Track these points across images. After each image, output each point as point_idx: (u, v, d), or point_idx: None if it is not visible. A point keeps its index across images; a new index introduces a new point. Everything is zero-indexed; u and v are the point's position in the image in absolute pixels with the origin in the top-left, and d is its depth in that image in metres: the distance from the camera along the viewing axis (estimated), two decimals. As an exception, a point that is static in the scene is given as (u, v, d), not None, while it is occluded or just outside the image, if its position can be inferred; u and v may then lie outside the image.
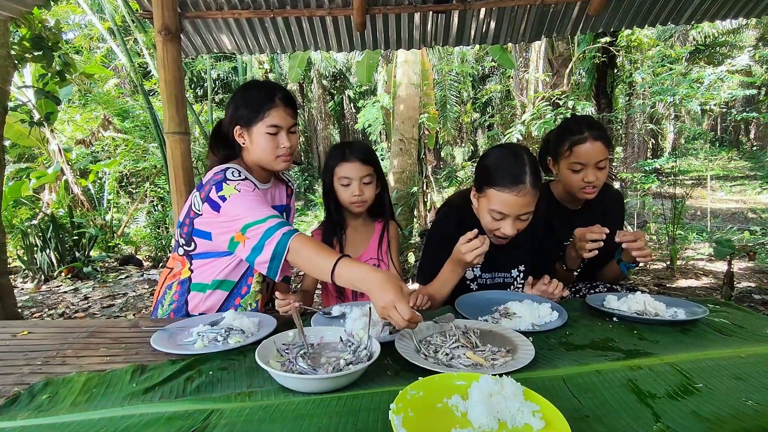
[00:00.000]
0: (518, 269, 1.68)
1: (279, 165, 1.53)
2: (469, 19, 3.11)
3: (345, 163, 1.67)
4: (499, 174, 1.41)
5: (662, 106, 8.08)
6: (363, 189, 1.67)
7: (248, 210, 1.34)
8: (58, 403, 0.89)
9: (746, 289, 4.43)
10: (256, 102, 1.47)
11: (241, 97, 1.52)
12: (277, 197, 1.69)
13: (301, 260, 1.26)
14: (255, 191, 1.42)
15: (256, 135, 1.48)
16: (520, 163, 1.40)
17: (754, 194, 12.50)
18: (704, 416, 0.81)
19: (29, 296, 4.92)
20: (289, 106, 1.51)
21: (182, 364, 1.03)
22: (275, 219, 1.31)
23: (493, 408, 0.76)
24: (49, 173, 6.26)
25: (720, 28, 12.82)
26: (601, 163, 1.68)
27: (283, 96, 1.49)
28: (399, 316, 1.02)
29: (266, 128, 1.46)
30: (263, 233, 1.28)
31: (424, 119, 7.52)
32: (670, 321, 1.26)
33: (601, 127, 1.73)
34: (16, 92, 5.29)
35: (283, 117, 1.48)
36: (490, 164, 1.46)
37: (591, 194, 1.72)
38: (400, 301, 1.03)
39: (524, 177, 1.38)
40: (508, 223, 1.42)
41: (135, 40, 7.35)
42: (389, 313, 1.04)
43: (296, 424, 0.80)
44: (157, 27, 2.48)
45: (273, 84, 1.56)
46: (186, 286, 1.55)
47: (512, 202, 1.38)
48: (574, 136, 1.69)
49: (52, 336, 1.28)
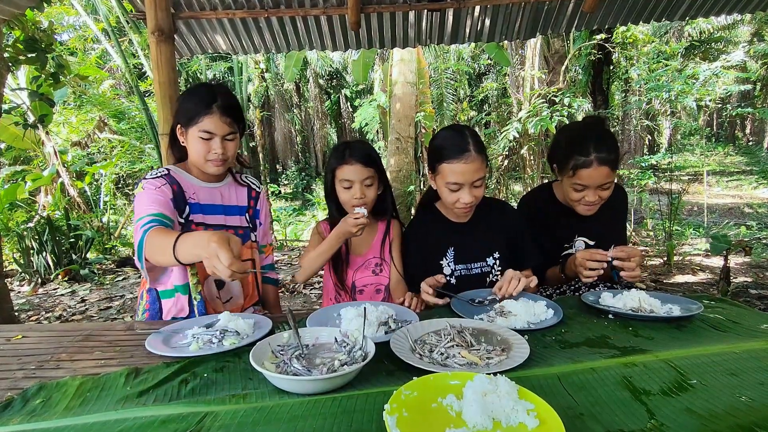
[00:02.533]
0: (493, 257, 1.70)
1: (210, 168, 1.56)
2: (463, 17, 3.11)
3: (346, 165, 1.64)
4: (447, 149, 1.54)
5: (658, 102, 8.10)
6: (364, 191, 1.65)
7: (141, 206, 1.44)
8: (51, 407, 0.88)
9: (743, 284, 4.45)
10: (193, 106, 1.51)
11: (184, 99, 1.57)
12: (233, 197, 1.70)
13: (154, 250, 1.29)
14: (158, 189, 1.48)
15: (190, 137, 1.53)
16: (463, 135, 1.54)
17: (750, 189, 12.55)
18: (698, 412, 0.81)
19: (26, 299, 4.90)
20: (228, 114, 1.51)
21: (177, 367, 1.03)
22: (151, 216, 1.38)
23: (488, 407, 0.76)
24: (45, 175, 6.24)
25: (715, 23, 12.84)
26: (606, 185, 1.63)
27: (222, 104, 1.50)
28: (222, 264, 1.05)
29: (199, 132, 1.50)
30: (139, 228, 1.36)
31: (421, 117, 7.53)
32: (665, 318, 1.26)
33: (611, 146, 1.61)
34: (11, 94, 5.25)
35: (218, 125, 1.50)
36: (437, 144, 1.59)
37: (590, 212, 1.69)
38: (221, 249, 1.06)
39: (468, 146, 1.51)
40: (465, 191, 1.53)
41: (130, 41, 7.32)
42: (213, 263, 1.07)
43: (291, 425, 0.79)
44: (151, 28, 2.47)
45: (217, 90, 1.55)
46: (154, 294, 1.58)
47: (463, 170, 1.50)
48: (579, 158, 1.61)
49: (46, 340, 1.27)
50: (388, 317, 1.25)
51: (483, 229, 1.70)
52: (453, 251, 1.68)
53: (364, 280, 1.79)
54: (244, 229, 1.69)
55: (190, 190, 1.59)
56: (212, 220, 1.62)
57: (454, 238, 1.69)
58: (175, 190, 1.52)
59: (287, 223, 10.70)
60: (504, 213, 1.75)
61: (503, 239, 1.71)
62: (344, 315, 1.27)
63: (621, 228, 1.94)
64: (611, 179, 1.64)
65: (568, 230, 1.85)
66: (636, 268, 1.49)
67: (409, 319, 1.28)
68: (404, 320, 1.28)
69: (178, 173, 1.59)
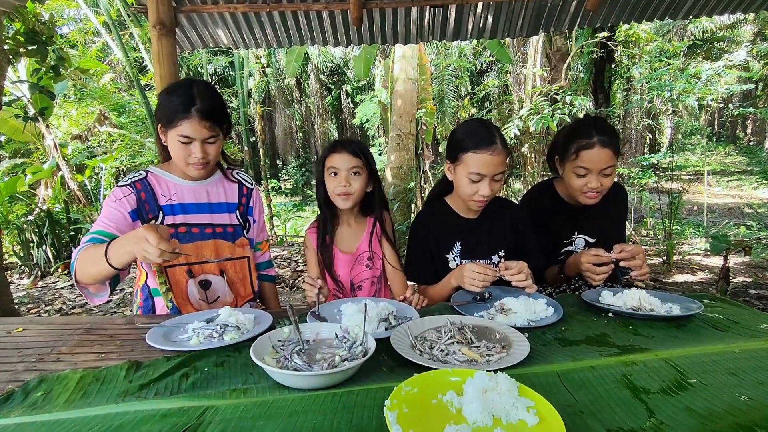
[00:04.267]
0: (498, 255, 1.70)
1: (191, 172, 1.53)
2: (466, 14, 3.10)
3: (335, 153, 1.66)
4: (473, 140, 1.54)
5: (660, 101, 8.08)
6: (350, 180, 1.64)
7: (97, 220, 1.44)
8: (52, 400, 0.89)
9: (742, 283, 4.46)
10: (172, 108, 1.44)
11: (163, 99, 1.49)
12: (221, 194, 1.66)
13: (85, 265, 1.29)
14: (118, 202, 1.46)
15: (170, 139, 1.48)
16: (489, 128, 1.56)
17: (750, 189, 12.55)
18: (697, 411, 0.81)
19: (26, 292, 4.91)
20: (208, 117, 1.45)
21: (177, 361, 1.03)
22: (91, 236, 1.38)
23: (488, 404, 0.76)
24: (45, 169, 6.22)
25: (718, 23, 12.80)
26: (607, 170, 1.64)
27: (201, 108, 1.43)
28: (150, 245, 1.08)
29: (177, 136, 1.45)
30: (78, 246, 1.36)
31: (422, 114, 7.51)
32: (665, 317, 1.26)
33: (612, 133, 1.65)
34: (11, 87, 5.25)
35: (197, 130, 1.44)
36: (462, 134, 1.59)
37: (593, 200, 1.69)
38: (148, 232, 1.10)
39: (495, 139, 1.52)
40: (485, 183, 1.53)
41: (131, 35, 7.29)
42: (142, 247, 1.10)
43: (291, 420, 0.79)
44: (152, 21, 2.47)
45: (197, 91, 1.46)
46: (147, 292, 1.59)
47: (488, 161, 1.51)
48: (582, 140, 1.64)
49: (47, 333, 1.28)
50: (389, 314, 1.25)
51: (491, 227, 1.71)
52: (460, 246, 1.69)
53: (360, 276, 1.80)
54: (234, 226, 1.66)
55: (171, 190, 1.56)
56: (196, 219, 1.59)
57: (462, 233, 1.70)
58: (143, 198, 1.50)
59: (287, 219, 10.71)
60: (512, 212, 1.75)
61: (509, 238, 1.72)
62: (345, 311, 1.27)
63: (621, 227, 1.94)
64: (613, 164, 1.64)
65: (569, 227, 1.85)
66: (644, 265, 1.51)
67: (409, 316, 1.29)
68: (404, 317, 1.28)
69: (159, 175, 1.57)
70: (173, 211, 1.55)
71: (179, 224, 1.55)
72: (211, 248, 1.60)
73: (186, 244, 1.55)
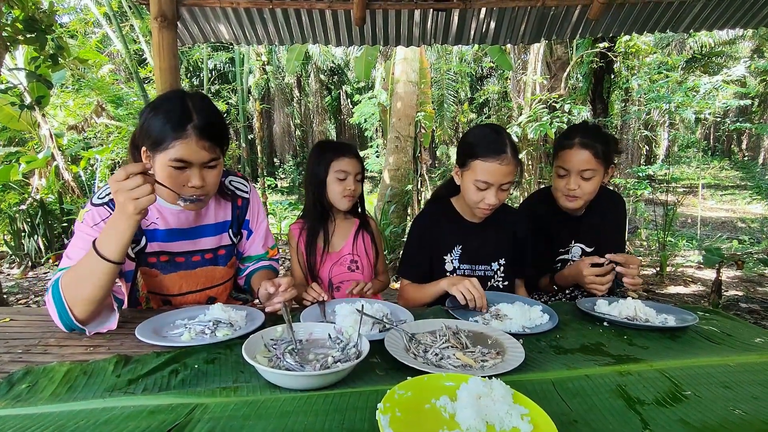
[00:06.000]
0: (498, 263, 1.69)
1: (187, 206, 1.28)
2: (469, 18, 3.10)
3: (344, 158, 1.73)
4: (483, 146, 1.50)
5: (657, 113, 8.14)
6: (356, 185, 1.75)
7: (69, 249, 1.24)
8: (37, 393, 0.87)
9: (733, 297, 4.48)
10: (161, 127, 1.16)
11: (149, 115, 1.20)
12: (211, 215, 1.46)
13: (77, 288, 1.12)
14: (94, 228, 1.24)
15: (158, 166, 1.19)
16: (501, 135, 1.52)
17: (743, 204, 12.65)
18: (692, 424, 0.81)
19: (15, 282, 4.85)
20: (207, 136, 1.18)
21: (167, 356, 1.01)
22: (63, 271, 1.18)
23: (482, 410, 0.75)
24: (40, 158, 6.16)
25: (717, 38, 12.92)
26: (586, 173, 1.63)
27: (199, 124, 1.17)
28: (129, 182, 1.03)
29: (169, 161, 1.17)
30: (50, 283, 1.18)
31: (421, 117, 7.52)
32: (660, 327, 1.26)
33: (598, 138, 1.63)
34: (7, 74, 5.19)
35: (195, 151, 1.17)
36: (473, 139, 1.55)
37: (572, 204, 1.69)
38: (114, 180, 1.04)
39: (505, 148, 1.48)
40: (492, 192, 1.50)
41: (131, 26, 7.25)
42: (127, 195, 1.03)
43: (282, 421, 0.78)
44: (154, 13, 2.45)
45: (192, 104, 1.20)
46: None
47: (496, 171, 1.47)
48: (564, 141, 1.68)
49: (34, 324, 1.25)
50: (383, 316, 1.24)
51: (493, 233, 1.69)
52: (460, 249, 1.67)
53: (340, 277, 1.81)
54: (226, 247, 1.50)
55: (153, 213, 1.35)
56: (175, 248, 1.39)
57: (463, 237, 1.68)
58: None
59: (282, 217, 10.65)
60: (515, 220, 1.74)
61: (510, 246, 1.70)
62: (339, 311, 1.25)
63: (620, 237, 1.94)
64: (592, 167, 1.62)
65: (566, 235, 1.85)
66: (636, 276, 1.51)
67: (403, 319, 1.28)
68: (399, 319, 1.27)
69: None
70: (155, 237, 1.36)
71: (160, 252, 1.38)
72: (201, 279, 1.47)
73: (169, 274, 1.40)
